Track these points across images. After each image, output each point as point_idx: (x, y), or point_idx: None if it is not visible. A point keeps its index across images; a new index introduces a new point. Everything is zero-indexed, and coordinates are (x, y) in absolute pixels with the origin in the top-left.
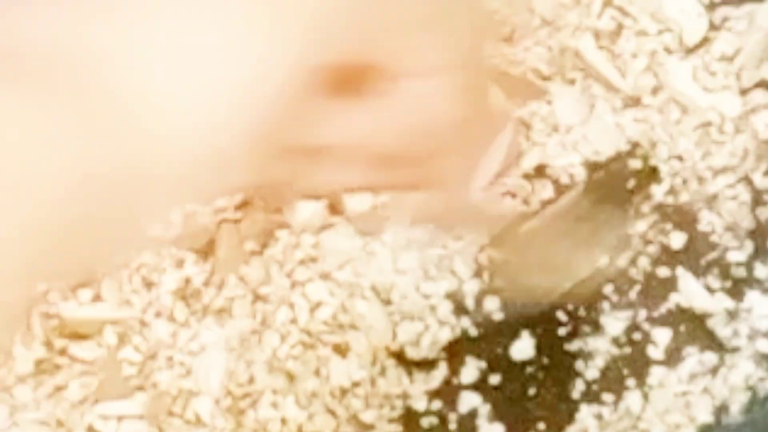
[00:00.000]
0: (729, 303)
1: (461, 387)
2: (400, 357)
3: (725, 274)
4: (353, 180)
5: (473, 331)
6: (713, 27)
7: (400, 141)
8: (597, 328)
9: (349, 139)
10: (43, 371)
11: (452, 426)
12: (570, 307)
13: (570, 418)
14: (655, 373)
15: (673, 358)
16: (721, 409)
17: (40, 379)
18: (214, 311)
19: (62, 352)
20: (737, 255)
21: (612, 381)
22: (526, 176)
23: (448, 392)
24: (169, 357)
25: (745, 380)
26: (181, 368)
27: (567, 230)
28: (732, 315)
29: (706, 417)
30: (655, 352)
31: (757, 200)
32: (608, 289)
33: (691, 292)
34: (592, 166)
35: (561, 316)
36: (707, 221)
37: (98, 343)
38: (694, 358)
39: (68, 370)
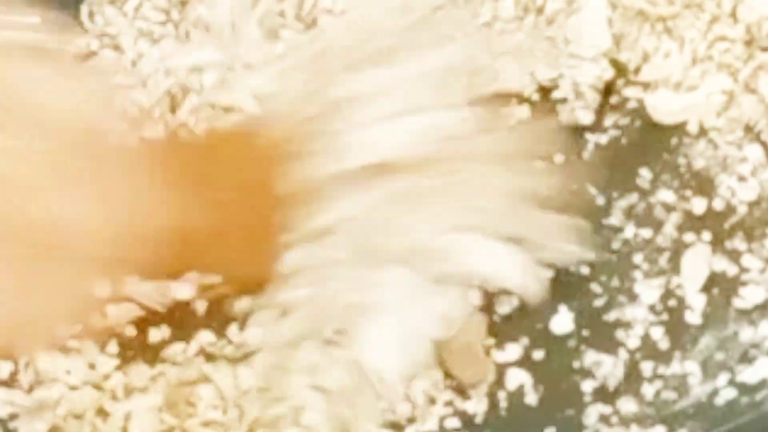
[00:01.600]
0: (757, 264)
1: (507, 364)
2: None
3: (750, 236)
4: None
5: None
6: None
7: None
8: (632, 297)
9: None
10: None
11: (502, 404)
12: (603, 278)
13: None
14: (695, 337)
15: (710, 321)
16: None
17: None
18: None
19: None
20: None
21: (654, 348)
22: None
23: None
24: None
25: None
26: None
27: None
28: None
29: (750, 377)
30: (692, 317)
31: None
32: (638, 258)
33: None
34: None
35: (595, 288)
36: (726, 185)
37: None
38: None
39: None
